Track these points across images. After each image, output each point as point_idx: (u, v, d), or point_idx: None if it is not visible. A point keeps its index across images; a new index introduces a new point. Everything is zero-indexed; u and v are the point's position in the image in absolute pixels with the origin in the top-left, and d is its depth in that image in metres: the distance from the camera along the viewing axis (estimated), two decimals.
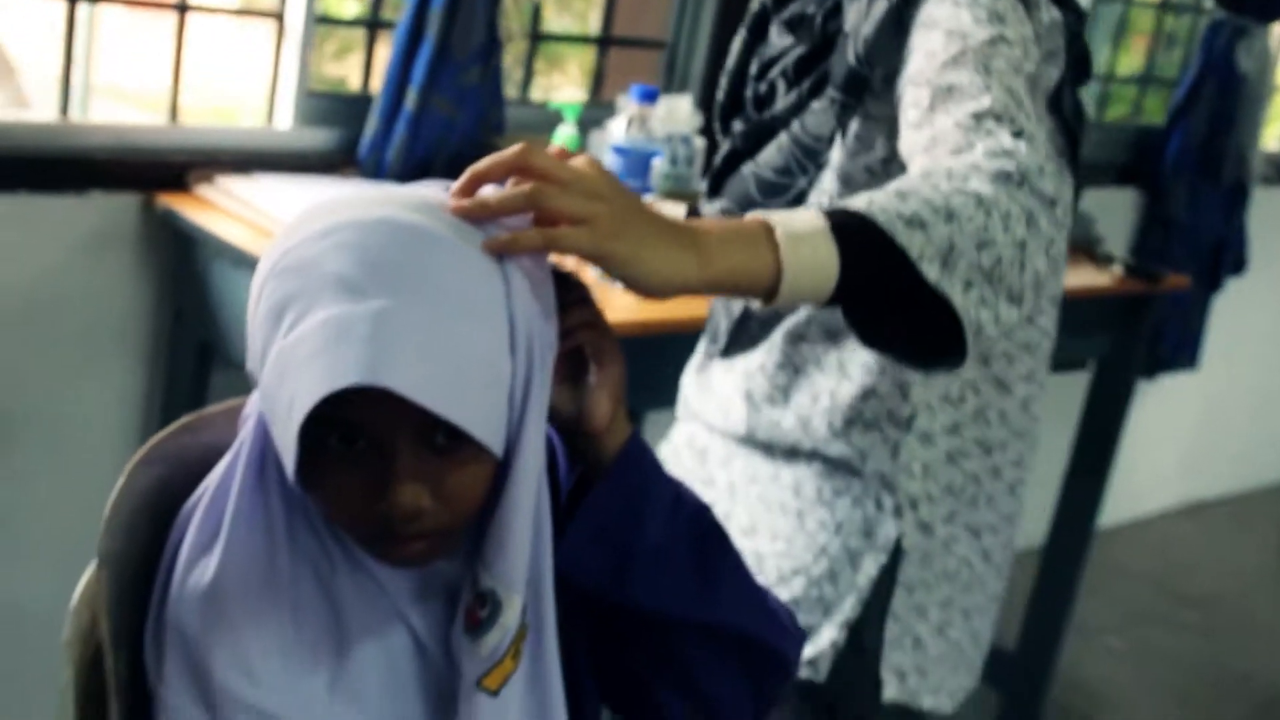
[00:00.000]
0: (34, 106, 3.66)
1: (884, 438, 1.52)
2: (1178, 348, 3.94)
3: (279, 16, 2.44)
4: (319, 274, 0.91)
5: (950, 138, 1.23)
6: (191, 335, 2.24)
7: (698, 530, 1.08)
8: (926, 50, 1.32)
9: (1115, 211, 3.65)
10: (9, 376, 2.17)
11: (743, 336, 1.61)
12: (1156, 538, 4.45)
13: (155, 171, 2.24)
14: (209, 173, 2.26)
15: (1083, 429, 3.11)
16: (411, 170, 2.43)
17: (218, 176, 2.25)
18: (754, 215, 1.06)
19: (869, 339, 1.14)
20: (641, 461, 1.07)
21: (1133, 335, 2.95)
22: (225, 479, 1.03)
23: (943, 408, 1.52)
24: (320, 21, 2.49)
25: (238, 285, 2.07)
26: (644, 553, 1.05)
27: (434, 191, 0.99)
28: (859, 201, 1.08)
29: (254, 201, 2.16)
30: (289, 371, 0.90)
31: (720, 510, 1.62)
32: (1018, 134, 1.21)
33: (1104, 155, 3.78)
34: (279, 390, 0.92)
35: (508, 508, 0.97)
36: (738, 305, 1.60)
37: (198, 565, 1.01)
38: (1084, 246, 2.98)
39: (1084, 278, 2.83)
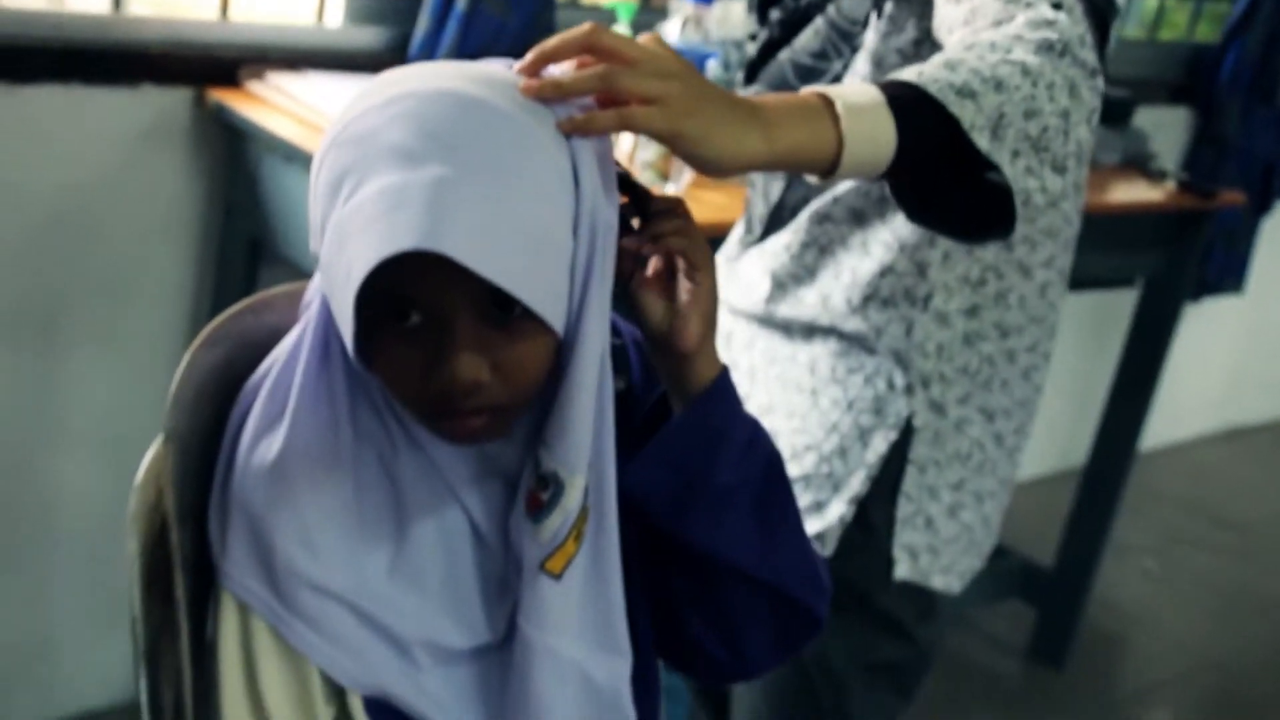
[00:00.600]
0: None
1: (900, 315, 1.53)
2: (1224, 271, 3.90)
3: None
4: (377, 144, 0.91)
5: (990, 10, 1.23)
6: (241, 230, 2.24)
7: (765, 479, 1.08)
8: None
9: (1168, 131, 3.60)
10: (61, 268, 2.18)
11: (775, 222, 1.62)
12: (1195, 462, 4.44)
13: (207, 66, 2.24)
14: (260, 69, 2.25)
15: (1128, 349, 3.09)
16: None
17: (268, 72, 2.24)
18: (810, 90, 1.07)
19: (917, 214, 1.16)
20: (725, 401, 1.06)
21: (1184, 253, 2.92)
22: (290, 359, 1.03)
23: (961, 289, 1.53)
24: None
25: (288, 180, 2.07)
26: (709, 493, 1.05)
27: (499, 68, 0.98)
28: (909, 73, 1.09)
29: (304, 98, 2.16)
30: (346, 240, 0.90)
31: (741, 391, 1.64)
32: (1057, 5, 1.20)
33: (1157, 73, 3.72)
34: (337, 260, 0.92)
35: (570, 388, 0.97)
36: (775, 189, 1.61)
37: (262, 442, 1.02)
38: (1137, 162, 2.95)
39: (1136, 193, 2.80)
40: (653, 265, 1.05)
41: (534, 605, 1.01)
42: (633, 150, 2.17)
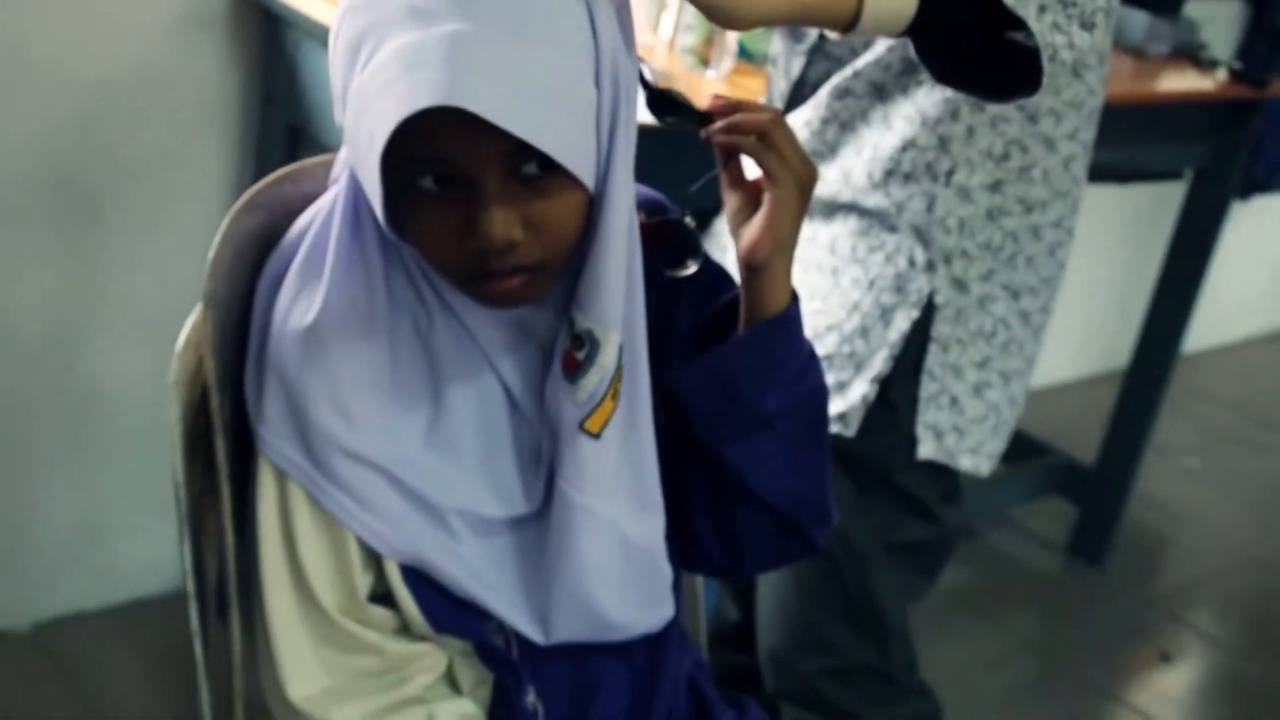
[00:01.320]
0: None
1: (921, 190, 1.51)
2: (1274, 169, 3.83)
3: None
4: (392, 4, 0.90)
5: None
6: (281, 118, 2.23)
7: (807, 412, 1.09)
8: None
9: (1219, 23, 3.53)
10: (100, 158, 2.18)
11: (796, 99, 1.60)
12: (1241, 363, 4.40)
13: None
14: None
15: (1174, 246, 3.05)
16: None
17: None
18: None
19: (941, 74, 1.15)
20: (789, 332, 1.07)
21: (1234, 145, 2.87)
22: (323, 229, 1.03)
23: (984, 164, 1.51)
24: None
25: (326, 67, 2.06)
26: (750, 416, 1.07)
27: None
28: None
29: None
30: (366, 105, 0.89)
31: None
32: None
33: None
34: (360, 125, 0.91)
35: (601, 244, 0.97)
36: (796, 65, 1.59)
37: (297, 307, 1.02)
38: (1188, 52, 2.89)
39: (1186, 82, 2.74)
40: (731, 165, 1.06)
41: (574, 466, 1.02)
42: (672, 36, 2.14)
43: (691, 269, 1.09)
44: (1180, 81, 2.73)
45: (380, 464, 1.02)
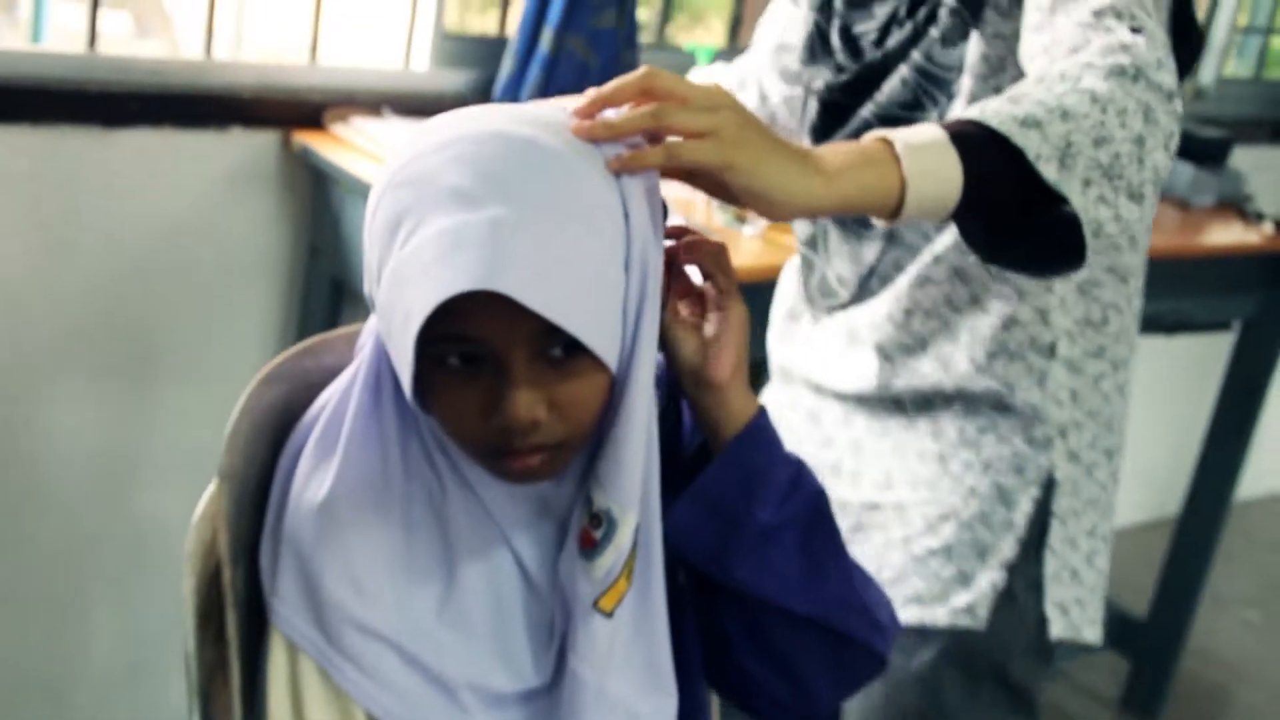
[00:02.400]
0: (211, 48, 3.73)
1: (1029, 367, 1.48)
2: None
3: None
4: (434, 186, 0.92)
5: (1068, 37, 1.20)
6: (325, 271, 2.27)
7: (810, 518, 1.08)
8: None
9: (1267, 170, 3.53)
10: (151, 306, 2.23)
11: (866, 290, 1.56)
12: None
13: (294, 110, 2.28)
14: (345, 112, 2.29)
15: (1224, 394, 3.02)
16: None
17: (353, 116, 2.28)
18: (870, 135, 1.06)
19: (988, 254, 1.13)
20: (764, 440, 1.06)
21: None
22: (342, 400, 1.04)
23: (1084, 331, 1.48)
24: None
25: None
26: (752, 534, 1.05)
27: (550, 110, 0.99)
28: (972, 111, 1.08)
29: (387, 141, 2.19)
30: (406, 282, 0.91)
31: (847, 468, 1.59)
32: (1136, 29, 1.17)
33: (1257, 112, 3.65)
34: (396, 302, 0.92)
35: (623, 424, 0.98)
36: (870, 253, 1.54)
37: (313, 481, 1.03)
38: (1233, 204, 2.89)
39: (1232, 235, 2.74)
40: (681, 299, 1.06)
41: (587, 644, 1.01)
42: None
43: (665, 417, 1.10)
44: (1226, 234, 2.73)
45: (391, 637, 1.02)
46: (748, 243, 2.12)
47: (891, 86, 1.44)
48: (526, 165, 0.92)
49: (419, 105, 2.39)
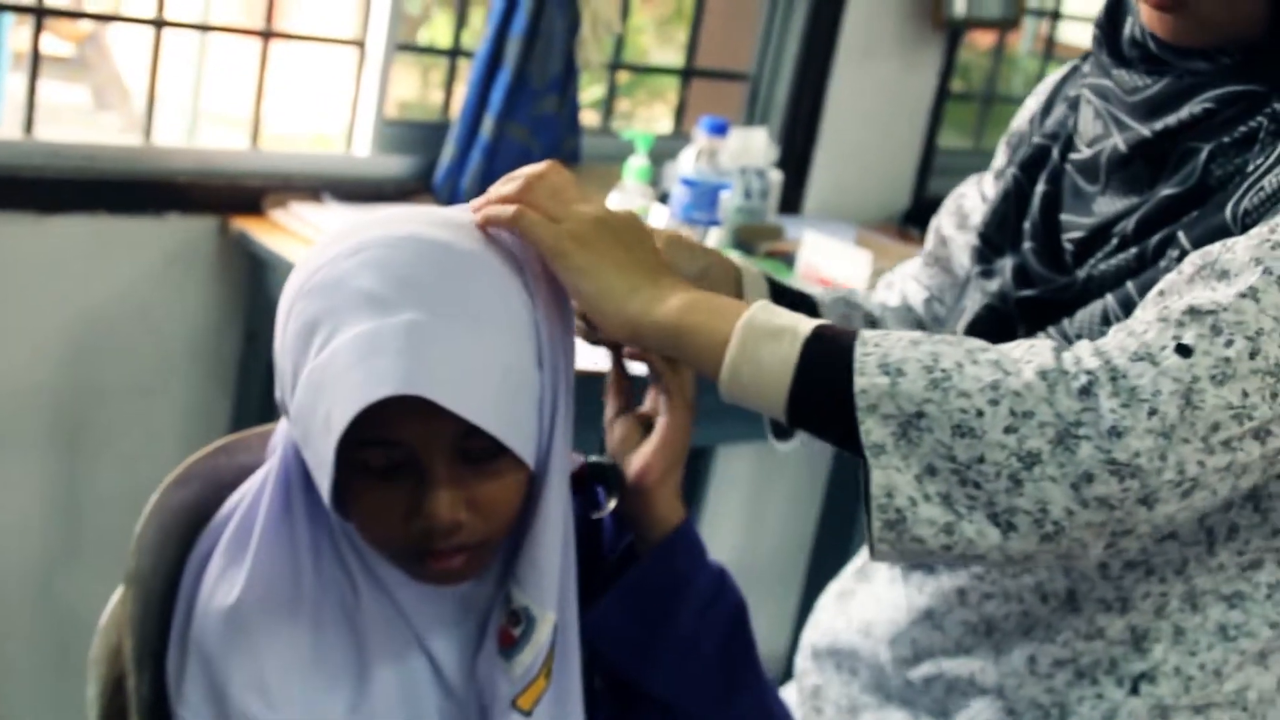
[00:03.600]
0: (151, 131, 3.74)
1: (1098, 695, 1.14)
2: None
3: (360, 44, 2.47)
4: (347, 292, 0.92)
5: (1136, 324, 0.93)
6: (262, 356, 2.26)
7: (730, 630, 1.07)
8: (1272, 222, 0.94)
9: None
10: (86, 390, 2.21)
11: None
12: None
13: (233, 195, 2.27)
14: (284, 197, 2.29)
15: None
16: None
17: (292, 202, 2.28)
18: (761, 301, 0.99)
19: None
20: (689, 548, 1.06)
21: None
22: (254, 501, 1.03)
23: (1190, 681, 1.12)
24: (401, 49, 2.51)
25: None
26: (672, 639, 1.04)
27: (462, 212, 1.00)
28: (871, 334, 0.94)
29: (325, 227, 2.18)
30: (323, 389, 0.91)
31: None
32: (1182, 348, 0.89)
33: None
34: (314, 409, 0.92)
35: (541, 522, 0.98)
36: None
37: (222, 584, 1.02)
38: None
39: None
40: (625, 397, 1.06)
41: None
42: None
43: (611, 505, 1.09)
44: None
45: None
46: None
47: (1089, 317, 1.06)
48: (439, 268, 0.92)
49: (360, 191, 2.39)
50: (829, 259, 2.30)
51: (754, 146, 2.44)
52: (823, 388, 0.92)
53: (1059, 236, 1.09)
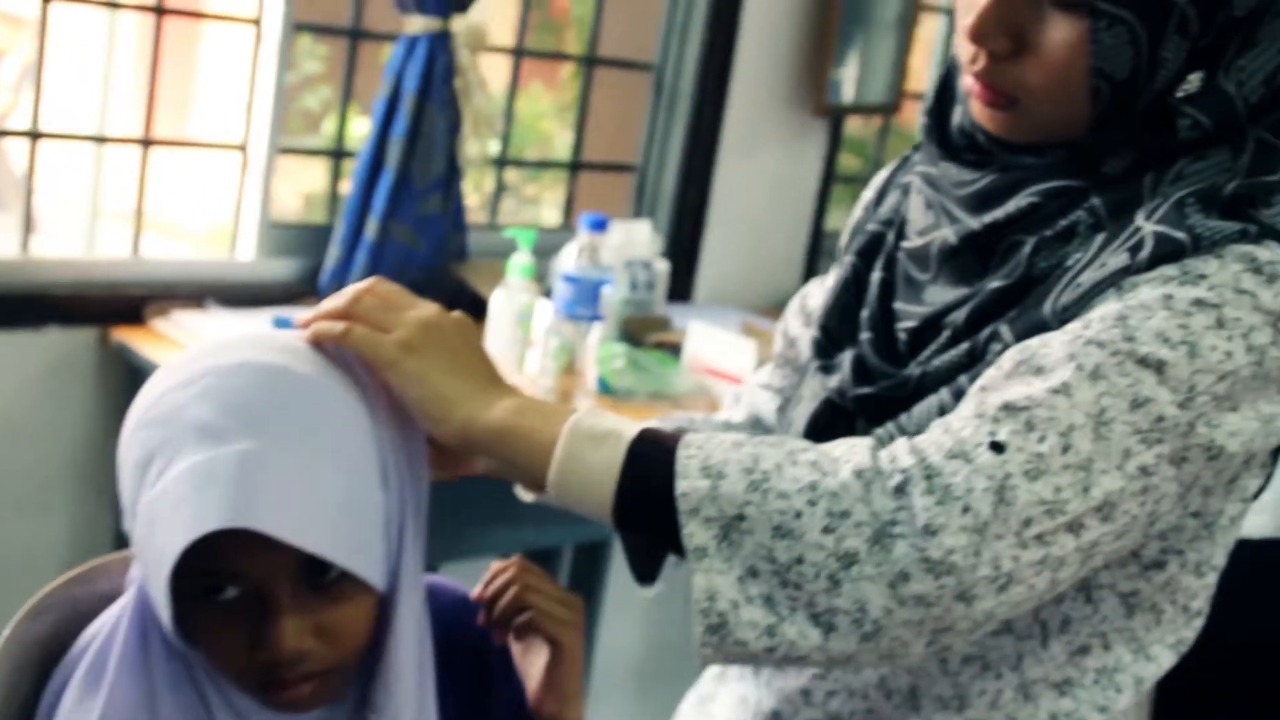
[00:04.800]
0: (48, 234, 3.70)
1: None
2: None
3: (242, 148, 2.47)
4: (181, 423, 0.91)
5: (954, 420, 0.94)
6: None
7: None
8: (1087, 318, 0.95)
9: None
10: None
11: None
12: None
13: (113, 306, 2.25)
14: (166, 306, 2.27)
15: None
16: None
17: (174, 310, 2.26)
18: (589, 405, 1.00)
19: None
20: None
21: None
22: (111, 631, 1.01)
23: None
24: (283, 152, 2.51)
25: None
26: None
27: (295, 334, 0.99)
28: (698, 436, 0.95)
29: (207, 335, 2.17)
30: (157, 522, 0.90)
31: None
32: (996, 445, 0.90)
33: None
34: (149, 543, 0.91)
35: (393, 646, 0.96)
36: None
37: (75, 717, 0.99)
38: None
39: None
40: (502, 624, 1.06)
41: None
42: (537, 375, 2.18)
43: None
44: None
45: None
46: None
47: (925, 412, 1.04)
48: (274, 394, 0.92)
49: (244, 296, 2.38)
50: (715, 348, 2.32)
51: (638, 238, 2.46)
52: (646, 491, 0.92)
53: (895, 326, 1.10)
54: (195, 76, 5.18)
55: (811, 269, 3.22)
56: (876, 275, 1.13)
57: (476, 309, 2.38)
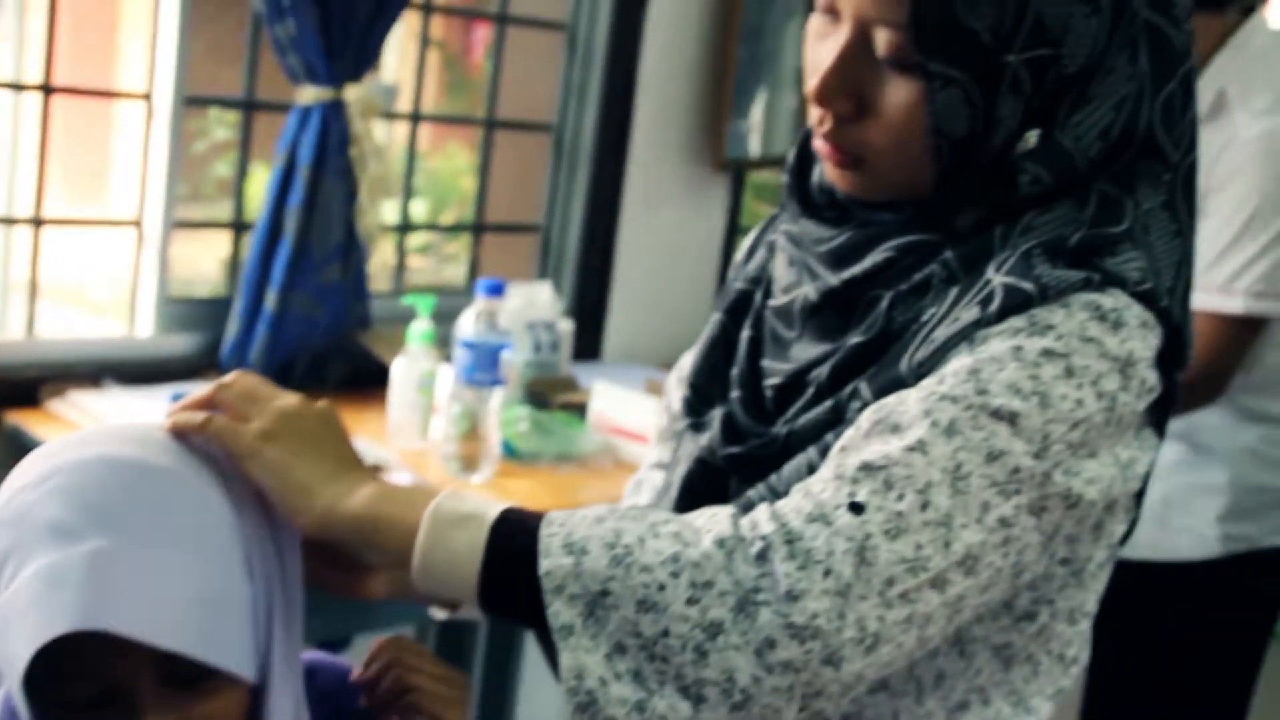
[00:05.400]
0: None
1: None
2: None
3: (137, 223, 2.45)
4: (33, 523, 0.89)
5: (814, 484, 0.94)
6: None
7: None
8: (940, 373, 0.96)
9: None
10: None
11: None
12: None
13: (7, 388, 2.21)
14: (62, 387, 2.23)
15: None
16: (275, 371, 2.41)
17: (71, 390, 2.23)
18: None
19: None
20: None
21: None
22: None
23: None
24: (179, 226, 2.49)
25: None
26: None
27: (155, 425, 0.98)
28: (556, 515, 0.94)
29: (104, 415, 2.14)
30: (9, 626, 0.88)
31: None
32: (855, 506, 0.90)
33: None
34: (3, 649, 0.89)
35: None
36: None
37: None
38: None
39: None
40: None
41: None
42: (441, 441, 2.17)
43: None
44: None
45: None
46: (477, 490, 2.11)
47: (794, 471, 1.04)
48: (128, 489, 0.91)
49: (143, 372, 2.35)
50: (620, 407, 2.32)
51: (539, 300, 2.46)
52: (511, 573, 0.91)
53: (762, 384, 1.10)
54: (111, 150, 5.15)
55: None
56: (745, 334, 1.14)
57: (380, 376, 2.37)
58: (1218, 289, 1.93)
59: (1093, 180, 1.00)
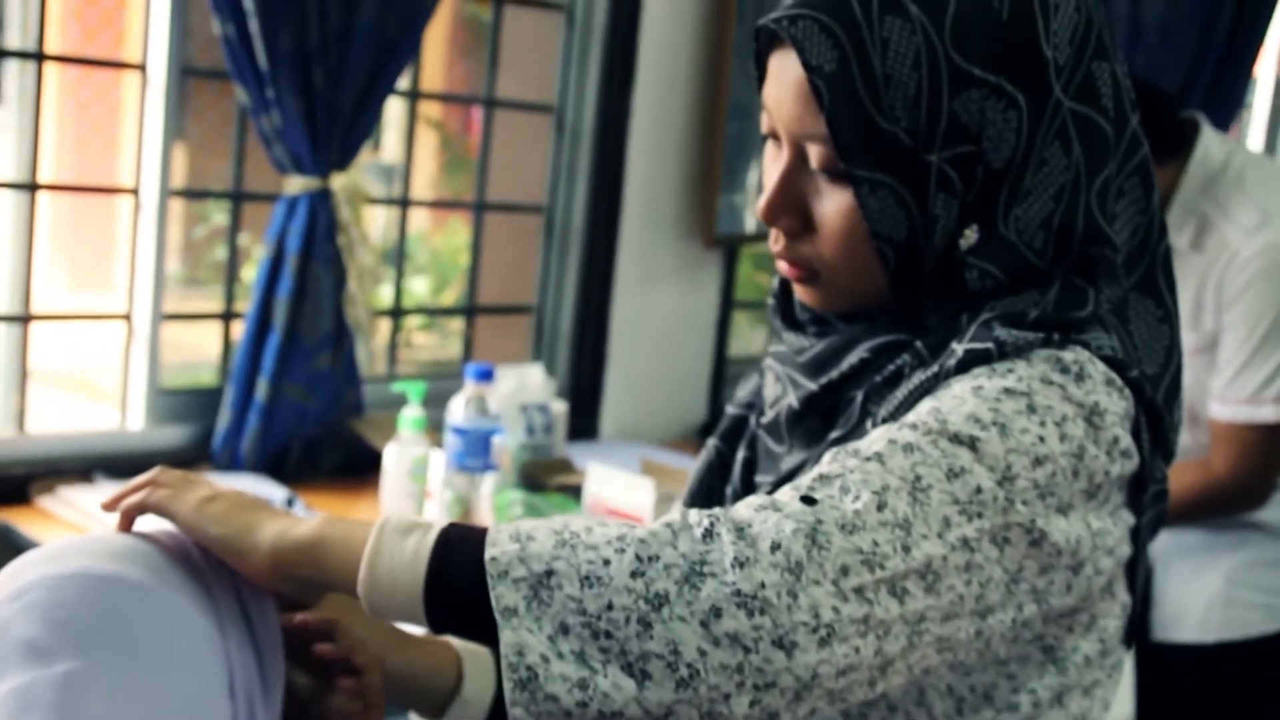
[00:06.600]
0: None
1: None
2: None
3: (127, 318, 2.45)
4: (7, 641, 0.87)
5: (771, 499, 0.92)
6: None
7: None
8: (902, 419, 0.96)
9: None
10: None
11: None
12: None
13: None
14: (52, 483, 2.22)
15: None
16: (267, 460, 2.40)
17: (60, 486, 2.21)
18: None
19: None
20: None
21: None
22: None
23: None
24: (168, 318, 2.49)
25: None
26: None
27: (144, 540, 0.96)
28: (523, 524, 0.93)
29: (94, 512, 2.12)
30: None
31: None
32: (809, 499, 0.89)
33: None
34: None
35: None
36: None
37: None
38: None
39: None
40: None
41: None
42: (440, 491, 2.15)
43: None
44: None
45: None
46: None
47: None
48: (104, 607, 0.89)
49: (134, 466, 2.31)
50: (614, 489, 2.30)
51: (531, 383, 2.45)
52: (456, 570, 0.89)
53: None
54: (116, 239, 5.19)
55: (717, 396, 3.22)
56: (740, 455, 1.15)
57: (374, 463, 2.35)
58: (1246, 400, 2.04)
59: (1051, 269, 1.01)
